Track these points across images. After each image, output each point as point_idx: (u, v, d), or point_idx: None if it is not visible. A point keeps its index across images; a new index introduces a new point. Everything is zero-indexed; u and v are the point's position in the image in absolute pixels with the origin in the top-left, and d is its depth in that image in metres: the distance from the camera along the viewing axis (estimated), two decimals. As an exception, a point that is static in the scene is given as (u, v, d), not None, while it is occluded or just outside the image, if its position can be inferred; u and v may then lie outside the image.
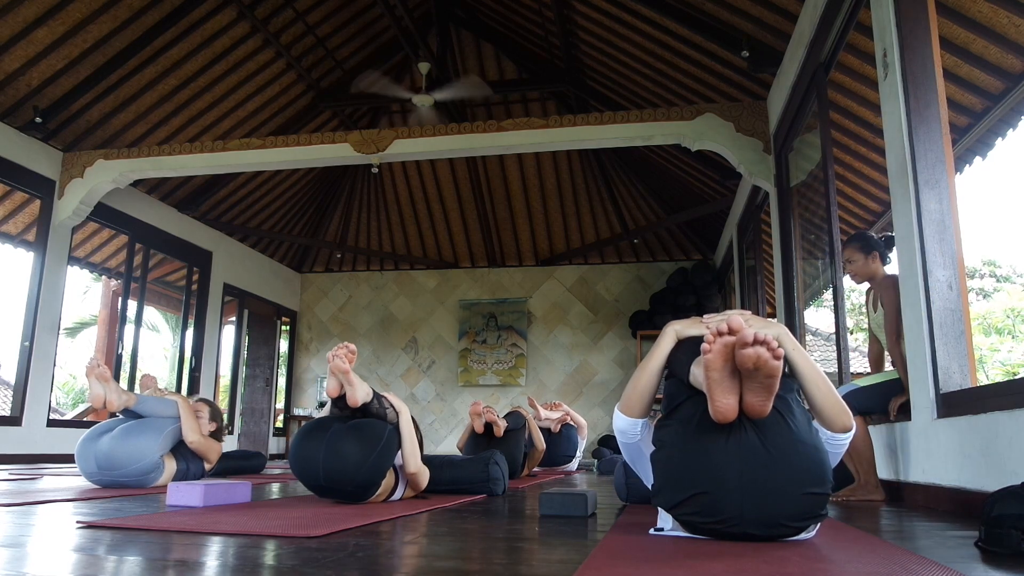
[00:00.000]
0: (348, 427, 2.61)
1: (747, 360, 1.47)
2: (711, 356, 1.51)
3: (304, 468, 2.59)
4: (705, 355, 1.52)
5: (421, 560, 1.53)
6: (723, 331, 1.50)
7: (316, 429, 2.63)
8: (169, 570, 1.35)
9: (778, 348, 1.47)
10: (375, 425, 2.65)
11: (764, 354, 1.46)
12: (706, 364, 1.53)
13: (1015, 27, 3.51)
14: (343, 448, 2.53)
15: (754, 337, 1.45)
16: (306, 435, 2.63)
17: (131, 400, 3.53)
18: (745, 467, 1.55)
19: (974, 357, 2.72)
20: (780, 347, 1.49)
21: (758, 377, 1.50)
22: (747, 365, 1.48)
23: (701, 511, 1.61)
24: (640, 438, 1.90)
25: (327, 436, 2.57)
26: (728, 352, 1.51)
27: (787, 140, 4.91)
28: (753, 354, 1.46)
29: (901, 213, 2.89)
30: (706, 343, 1.51)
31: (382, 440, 2.60)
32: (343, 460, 2.52)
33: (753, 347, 1.45)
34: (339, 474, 2.53)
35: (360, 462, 2.53)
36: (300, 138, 6.26)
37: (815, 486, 1.59)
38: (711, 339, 1.51)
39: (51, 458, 6.31)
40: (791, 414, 1.63)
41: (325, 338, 10.50)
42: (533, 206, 9.69)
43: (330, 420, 2.68)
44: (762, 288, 6.93)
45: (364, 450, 2.55)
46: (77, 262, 7.95)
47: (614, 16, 5.90)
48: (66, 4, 5.46)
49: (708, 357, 1.51)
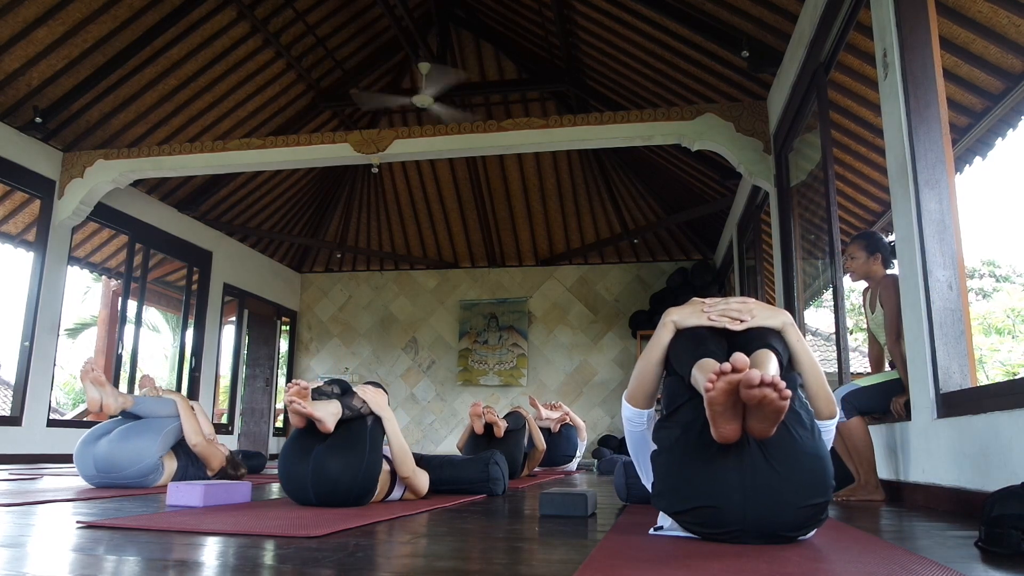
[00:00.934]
0: (328, 447, 2.52)
1: (752, 399, 1.41)
2: (714, 394, 1.43)
3: (296, 492, 2.56)
4: (707, 393, 1.44)
5: (421, 560, 1.53)
6: (726, 371, 1.41)
7: (299, 453, 2.54)
8: (169, 570, 1.35)
9: (785, 389, 1.39)
10: (354, 431, 2.57)
11: (771, 395, 1.39)
12: (708, 400, 1.46)
13: (1015, 27, 3.51)
14: (330, 470, 2.48)
15: (760, 379, 1.37)
16: (290, 460, 2.56)
17: (128, 402, 3.50)
18: (748, 482, 1.54)
19: (974, 357, 2.72)
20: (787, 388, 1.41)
21: (763, 411, 1.44)
22: (752, 403, 1.42)
23: (704, 523, 1.60)
24: (646, 427, 1.87)
25: (311, 459, 2.50)
26: (732, 390, 1.43)
27: (787, 140, 4.91)
28: (759, 395, 1.39)
29: (901, 213, 2.89)
30: (708, 382, 1.43)
31: (366, 445, 2.55)
32: (333, 483, 2.48)
33: (759, 388, 1.38)
34: (332, 496, 2.49)
35: (351, 478, 2.50)
36: (300, 138, 6.26)
37: (817, 497, 1.58)
38: (713, 378, 1.42)
39: (51, 458, 6.31)
40: (797, 421, 1.61)
41: (325, 338, 10.50)
42: (533, 206, 9.69)
43: (310, 442, 2.56)
44: (762, 288, 6.93)
45: (352, 464, 2.50)
46: (77, 262, 7.95)
47: (614, 16, 5.90)
48: (66, 4, 5.46)
49: (711, 395, 1.44)
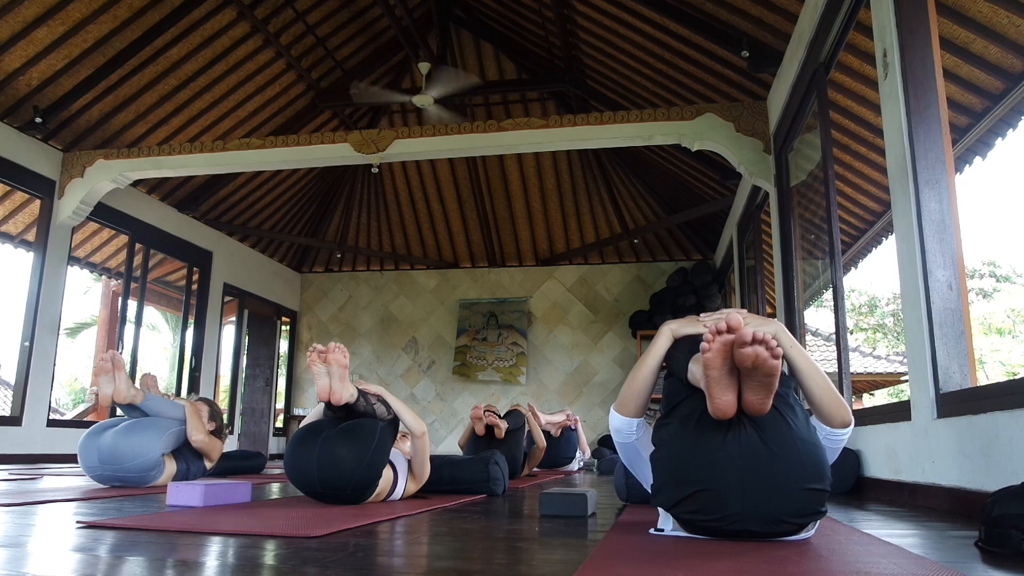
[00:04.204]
0: (339, 431, 2.60)
1: (746, 359, 1.47)
2: (710, 355, 1.51)
3: (299, 476, 2.59)
4: (704, 354, 1.52)
5: (421, 560, 1.53)
6: (722, 329, 1.49)
7: (308, 436, 2.62)
8: (169, 570, 1.35)
9: (777, 347, 1.47)
10: (366, 425, 2.63)
11: (763, 353, 1.45)
12: (705, 362, 1.53)
13: (1015, 27, 3.51)
14: (336, 453, 2.53)
15: (752, 336, 1.44)
16: (299, 443, 2.62)
17: (139, 396, 3.58)
18: (745, 464, 1.56)
19: (974, 357, 2.72)
20: (779, 346, 1.49)
21: (757, 376, 1.50)
22: (746, 364, 1.48)
23: (702, 508, 1.61)
24: (636, 438, 1.90)
25: (319, 443, 2.56)
26: (727, 350, 1.50)
27: (787, 140, 4.91)
28: (752, 353, 1.45)
29: (901, 213, 2.89)
30: (705, 342, 1.51)
31: (374, 440, 2.59)
32: (337, 465, 2.52)
33: (752, 346, 1.45)
34: (335, 479, 2.53)
35: (355, 466, 2.53)
36: (300, 138, 6.26)
37: (815, 482, 1.59)
38: (710, 338, 1.50)
39: (51, 458, 6.31)
40: (790, 411, 1.64)
41: (325, 338, 10.49)
42: (533, 206, 9.69)
43: (321, 425, 2.67)
44: (762, 288, 6.93)
45: (357, 453, 2.54)
46: (77, 262, 7.95)
47: (614, 16, 5.90)
48: (66, 4, 5.46)
49: (707, 356, 1.51)
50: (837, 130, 4.75)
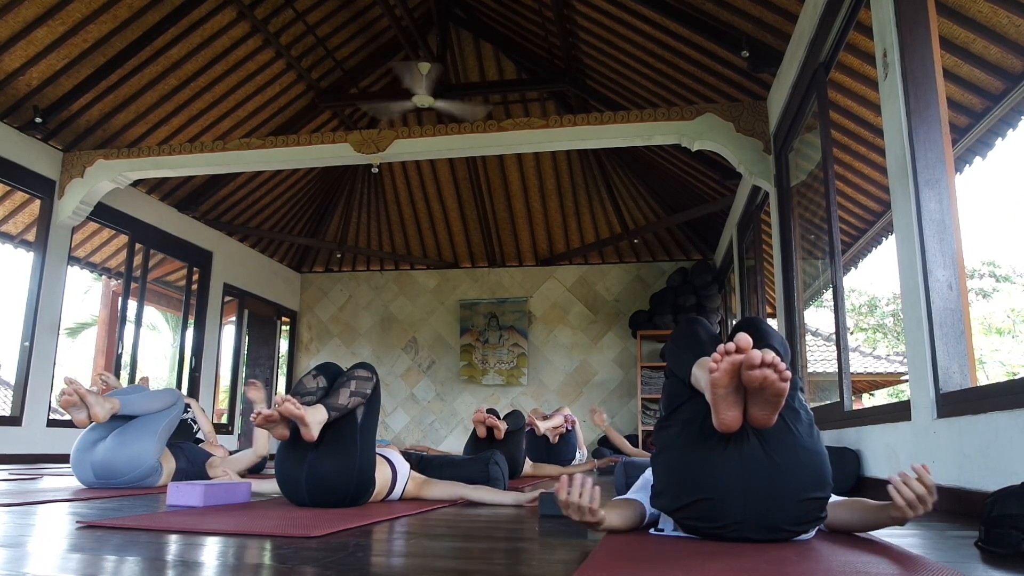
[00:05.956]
0: (320, 452, 2.50)
1: (754, 380, 1.45)
2: (717, 375, 1.48)
3: (291, 493, 2.56)
4: (711, 374, 1.49)
5: (421, 560, 1.53)
6: (731, 350, 1.47)
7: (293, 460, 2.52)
8: (169, 570, 1.35)
9: (786, 370, 1.45)
10: (345, 432, 2.54)
11: (771, 376, 1.44)
12: (712, 382, 1.50)
13: (1015, 27, 3.51)
14: (324, 475, 2.47)
15: (761, 359, 1.43)
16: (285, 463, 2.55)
17: (116, 406, 3.39)
18: (747, 475, 1.55)
19: (974, 357, 2.72)
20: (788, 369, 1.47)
21: (765, 395, 1.49)
22: (754, 385, 1.46)
23: (703, 516, 1.61)
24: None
25: (305, 465, 2.49)
26: (734, 371, 1.48)
27: (787, 140, 4.91)
28: (760, 375, 1.44)
29: (901, 213, 2.89)
30: (713, 362, 1.49)
31: (357, 445, 2.53)
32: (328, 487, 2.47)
33: (760, 369, 1.43)
34: (328, 499, 2.49)
35: (346, 483, 2.49)
36: (300, 138, 6.26)
37: (817, 491, 1.59)
38: (718, 358, 1.48)
39: (51, 458, 6.31)
40: (795, 417, 1.62)
41: (325, 338, 10.50)
42: (533, 206, 9.69)
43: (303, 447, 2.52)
44: (762, 288, 6.93)
45: (346, 467, 2.49)
46: (77, 262, 7.95)
47: (614, 16, 5.90)
48: (66, 4, 5.45)
49: (714, 376, 1.49)
50: (837, 130, 4.75)
